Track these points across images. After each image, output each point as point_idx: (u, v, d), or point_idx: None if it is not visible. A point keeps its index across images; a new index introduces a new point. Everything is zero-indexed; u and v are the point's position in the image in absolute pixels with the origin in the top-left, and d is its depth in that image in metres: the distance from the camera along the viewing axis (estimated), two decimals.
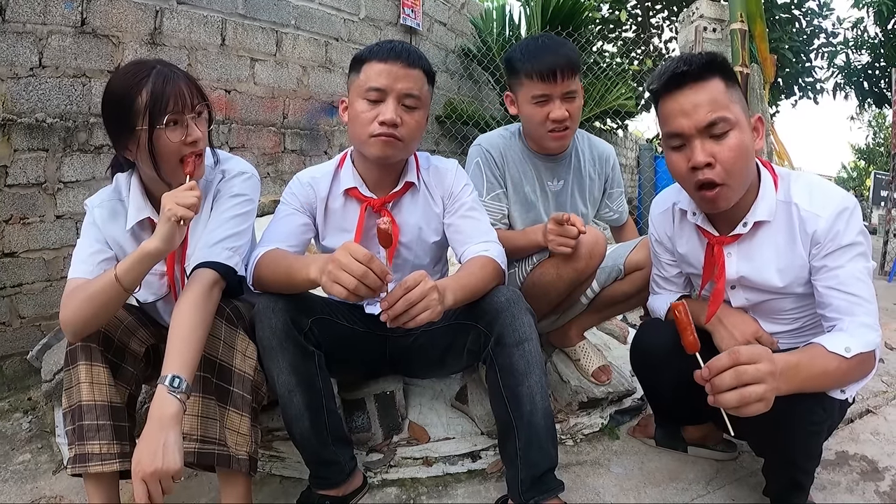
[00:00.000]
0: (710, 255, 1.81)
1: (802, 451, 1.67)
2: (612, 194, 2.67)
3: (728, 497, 2.03)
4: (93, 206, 1.85)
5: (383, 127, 1.82)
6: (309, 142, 4.90)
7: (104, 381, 1.70)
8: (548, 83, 2.18)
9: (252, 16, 4.31)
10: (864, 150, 28.70)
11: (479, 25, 6.95)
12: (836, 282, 1.60)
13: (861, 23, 13.34)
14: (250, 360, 1.75)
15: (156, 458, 1.40)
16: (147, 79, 1.63)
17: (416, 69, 1.87)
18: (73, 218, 3.25)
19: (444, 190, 2.07)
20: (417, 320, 1.55)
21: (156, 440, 1.43)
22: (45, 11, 3.09)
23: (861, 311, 1.57)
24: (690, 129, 1.59)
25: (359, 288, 1.47)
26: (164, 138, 1.65)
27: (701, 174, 1.60)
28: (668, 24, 12.47)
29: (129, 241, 1.83)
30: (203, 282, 1.67)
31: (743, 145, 1.59)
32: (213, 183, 1.87)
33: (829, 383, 1.52)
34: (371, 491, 2.08)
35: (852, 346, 1.49)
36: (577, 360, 2.59)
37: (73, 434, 1.68)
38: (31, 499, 2.10)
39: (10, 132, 2.97)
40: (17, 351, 3.08)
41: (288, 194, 2.03)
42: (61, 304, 1.67)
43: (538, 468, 1.76)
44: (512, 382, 1.78)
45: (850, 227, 1.60)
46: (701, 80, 1.59)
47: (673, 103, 1.62)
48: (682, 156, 1.64)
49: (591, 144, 2.56)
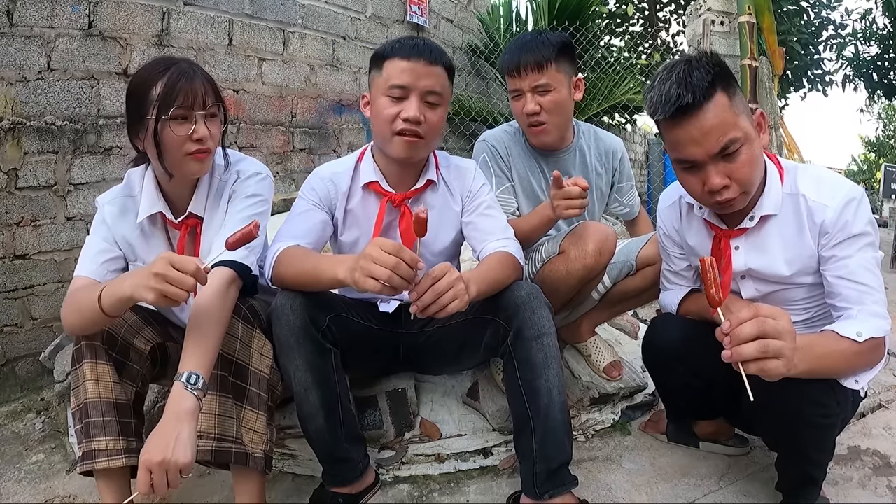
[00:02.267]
0: (717, 248, 1.80)
1: (816, 444, 1.66)
2: (622, 188, 2.65)
3: (740, 492, 2.02)
4: (103, 204, 1.87)
5: (407, 124, 1.84)
6: (318, 140, 4.91)
7: (109, 379, 1.71)
8: (514, 78, 2.29)
9: (259, 15, 4.32)
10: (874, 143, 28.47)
11: (486, 21, 6.95)
12: (845, 271, 1.60)
13: (870, 14, 13.30)
14: (266, 359, 1.77)
15: (167, 449, 1.40)
16: (166, 72, 1.66)
17: (439, 66, 1.88)
18: (83, 220, 3.26)
19: (463, 189, 2.08)
20: (447, 310, 1.55)
21: (170, 433, 1.43)
22: (53, 15, 3.11)
23: (870, 299, 1.58)
24: (703, 156, 1.57)
25: (392, 278, 1.48)
26: (168, 130, 1.67)
27: (719, 195, 1.59)
28: (676, 17, 12.41)
29: (137, 238, 1.85)
30: (221, 281, 1.68)
31: (754, 157, 1.59)
32: (228, 183, 1.88)
33: (841, 366, 1.52)
34: (383, 488, 2.08)
35: (863, 331, 1.49)
36: (589, 355, 2.58)
37: (81, 432, 1.70)
38: (44, 498, 2.11)
39: (19, 135, 2.99)
40: (30, 352, 3.10)
41: (307, 189, 2.02)
42: (63, 302, 1.69)
43: (553, 462, 1.77)
44: (530, 376, 1.79)
45: (859, 217, 1.60)
46: (705, 103, 1.53)
47: (681, 132, 1.57)
48: (696, 178, 1.62)
49: (598, 139, 2.55)
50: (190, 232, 1.86)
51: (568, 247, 2.19)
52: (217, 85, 1.78)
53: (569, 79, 2.29)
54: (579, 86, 2.35)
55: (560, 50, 2.24)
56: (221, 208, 1.86)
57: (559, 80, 2.25)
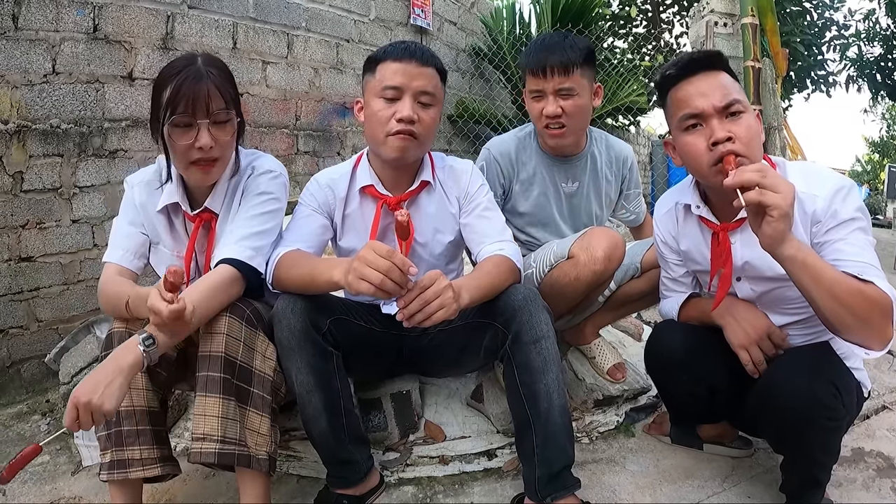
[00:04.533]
0: (717, 244, 1.81)
1: (822, 447, 1.67)
2: (630, 195, 2.66)
3: (744, 494, 2.02)
4: (133, 184, 1.94)
5: (401, 124, 1.85)
6: (322, 143, 4.92)
7: (142, 386, 1.73)
8: (538, 78, 2.25)
9: (263, 19, 4.33)
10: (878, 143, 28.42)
11: (490, 24, 6.96)
12: (839, 254, 1.57)
13: (873, 14, 13.28)
14: (270, 361, 1.77)
15: (95, 392, 1.43)
16: (178, 75, 1.68)
17: (430, 67, 1.91)
18: (88, 222, 3.27)
19: (459, 190, 2.08)
20: (433, 319, 1.56)
21: (103, 379, 1.46)
22: (58, 19, 3.12)
23: (869, 273, 1.49)
24: (709, 108, 1.64)
25: (384, 282, 1.49)
26: (172, 137, 1.70)
27: (723, 147, 1.62)
28: (679, 19, 12.41)
29: (160, 222, 1.91)
30: (222, 276, 1.71)
31: (755, 128, 1.66)
32: (243, 179, 1.91)
33: (842, 298, 1.43)
34: (388, 490, 2.09)
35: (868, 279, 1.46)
36: (593, 357, 2.59)
37: (108, 439, 1.70)
38: (50, 499, 2.12)
39: (25, 138, 3.00)
40: (35, 354, 3.11)
41: (306, 195, 2.05)
42: (99, 290, 1.82)
43: (555, 465, 1.77)
44: (529, 380, 1.79)
45: (848, 204, 1.61)
46: (712, 70, 1.69)
47: (689, 86, 1.69)
48: (698, 135, 1.68)
49: (609, 145, 2.55)
50: (204, 226, 1.90)
51: (578, 252, 2.18)
52: (231, 86, 1.79)
53: (591, 85, 2.29)
54: (598, 93, 2.35)
55: (586, 55, 2.24)
56: (236, 204, 1.90)
57: (582, 86, 2.25)
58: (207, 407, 1.64)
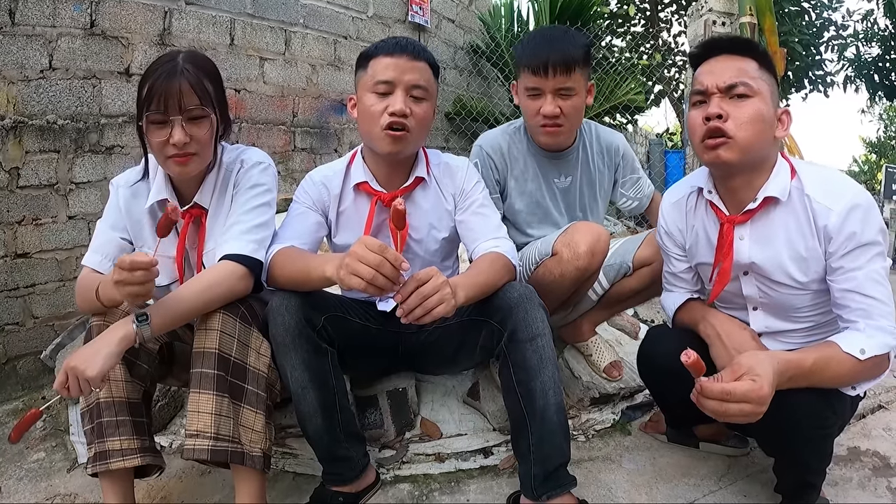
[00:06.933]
0: (722, 236, 1.79)
1: (813, 453, 1.68)
2: (626, 182, 2.61)
3: (740, 493, 2.02)
4: (117, 186, 1.93)
5: (394, 118, 1.85)
6: (319, 140, 4.91)
7: (120, 378, 1.72)
8: (538, 77, 2.19)
9: (260, 15, 4.33)
10: (876, 144, 28.40)
11: (488, 21, 6.95)
12: (853, 284, 1.59)
13: (871, 15, 13.24)
14: (264, 358, 1.77)
15: (82, 358, 1.49)
16: (155, 72, 1.69)
17: (422, 61, 1.91)
18: (85, 218, 3.27)
19: (455, 187, 2.08)
20: (433, 314, 1.56)
21: (95, 347, 1.52)
22: (55, 14, 3.11)
23: (878, 313, 1.57)
24: (712, 86, 1.65)
25: (376, 278, 1.48)
26: (148, 133, 1.72)
27: (712, 123, 1.63)
28: (677, 18, 12.39)
29: (147, 220, 1.90)
30: (226, 272, 1.72)
31: (759, 113, 1.62)
32: (232, 173, 1.90)
33: (840, 384, 1.59)
34: (384, 487, 2.09)
35: (868, 348, 1.52)
36: (589, 355, 2.58)
37: (92, 433, 1.70)
38: (45, 497, 2.12)
39: (21, 134, 2.99)
40: (31, 350, 3.11)
41: (301, 192, 2.05)
42: (75, 291, 1.83)
43: (551, 463, 1.76)
44: (525, 378, 1.78)
45: (868, 226, 1.59)
46: (736, 54, 1.68)
47: (705, 65, 1.72)
48: (699, 111, 1.69)
49: (599, 136, 2.52)
50: (194, 221, 1.89)
51: (560, 248, 2.17)
52: (211, 82, 1.79)
53: (586, 83, 2.27)
54: (591, 90, 2.32)
55: (586, 52, 2.22)
56: (227, 199, 1.89)
57: (581, 85, 2.22)
58: (201, 403, 1.64)
